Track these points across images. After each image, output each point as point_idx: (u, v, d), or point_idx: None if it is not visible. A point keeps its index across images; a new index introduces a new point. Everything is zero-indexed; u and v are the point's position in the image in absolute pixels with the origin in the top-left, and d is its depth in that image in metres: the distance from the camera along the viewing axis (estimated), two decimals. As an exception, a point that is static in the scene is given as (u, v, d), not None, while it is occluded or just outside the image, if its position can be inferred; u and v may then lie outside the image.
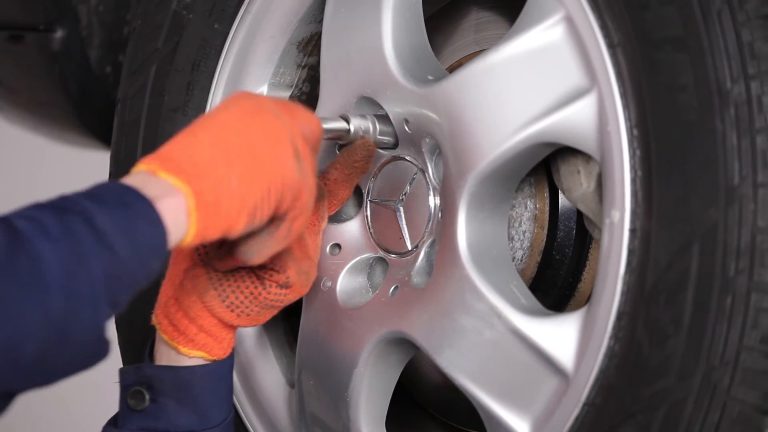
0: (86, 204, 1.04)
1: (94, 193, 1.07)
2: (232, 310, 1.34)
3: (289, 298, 1.36)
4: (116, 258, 1.04)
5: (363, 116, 1.44)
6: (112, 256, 1.03)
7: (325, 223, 1.42)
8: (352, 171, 1.44)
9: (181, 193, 1.12)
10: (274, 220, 1.24)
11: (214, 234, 1.15)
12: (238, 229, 1.17)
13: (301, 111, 1.30)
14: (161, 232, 1.09)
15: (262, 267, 1.33)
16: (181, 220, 1.12)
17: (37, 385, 1.05)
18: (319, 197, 1.39)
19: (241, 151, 1.18)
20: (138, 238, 1.06)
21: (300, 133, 1.26)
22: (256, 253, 1.25)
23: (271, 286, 1.34)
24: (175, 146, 1.16)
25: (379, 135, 1.45)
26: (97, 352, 1.06)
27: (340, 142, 1.45)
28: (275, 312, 1.38)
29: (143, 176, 1.12)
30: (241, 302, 1.34)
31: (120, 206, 1.07)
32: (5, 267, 0.97)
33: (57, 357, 1.02)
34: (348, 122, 1.42)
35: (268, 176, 1.19)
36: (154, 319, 1.37)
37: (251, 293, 1.34)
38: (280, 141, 1.22)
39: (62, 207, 1.04)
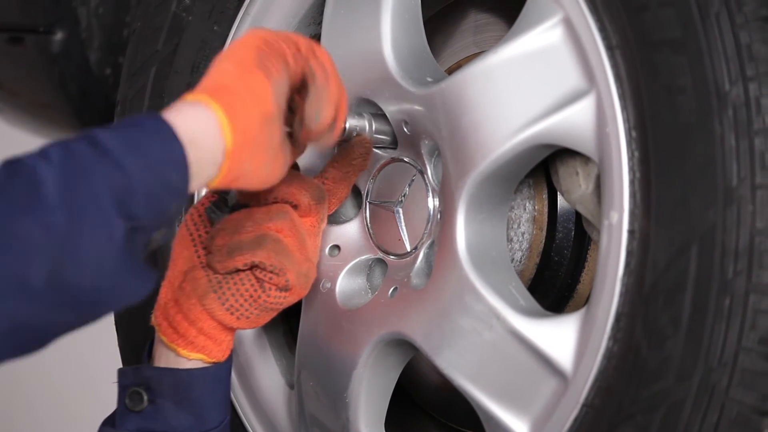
0: (94, 129, 1.05)
1: (108, 124, 1.08)
2: (232, 313, 1.35)
3: (288, 300, 1.36)
4: (123, 172, 1.03)
5: (359, 115, 1.44)
6: (118, 170, 1.03)
7: (324, 224, 1.42)
8: (350, 169, 1.45)
9: (200, 104, 1.12)
10: (305, 86, 1.25)
11: (248, 113, 1.16)
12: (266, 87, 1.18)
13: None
14: (176, 146, 1.08)
15: (262, 270, 1.33)
16: (209, 123, 1.12)
17: (83, 315, 1.04)
18: (320, 199, 1.40)
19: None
20: (148, 153, 1.06)
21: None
22: (317, 114, 1.25)
23: (270, 289, 1.34)
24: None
25: (376, 134, 1.45)
26: (128, 272, 1.05)
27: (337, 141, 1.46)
28: (274, 314, 1.38)
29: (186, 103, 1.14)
30: (241, 305, 1.34)
31: (128, 127, 1.07)
32: (2, 193, 0.97)
33: (75, 276, 1.00)
34: (344, 121, 1.42)
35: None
36: (154, 321, 1.37)
37: (251, 296, 1.34)
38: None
39: (72, 137, 1.04)
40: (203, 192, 1.50)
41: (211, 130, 1.13)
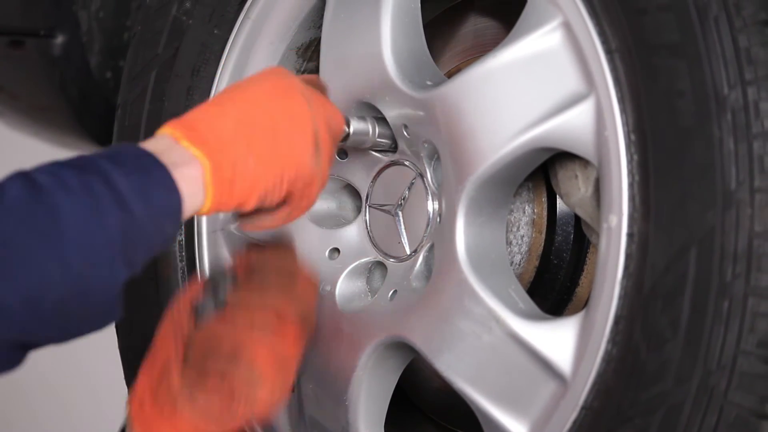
0: (105, 165, 1.07)
1: (113, 155, 1.09)
2: (204, 419, 1.32)
3: (259, 411, 1.33)
4: (132, 218, 1.06)
5: (362, 118, 1.45)
6: (128, 216, 1.06)
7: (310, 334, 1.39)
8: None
9: (199, 165, 1.15)
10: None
11: (227, 207, 1.18)
12: (248, 207, 1.20)
13: (329, 102, 1.32)
14: (176, 198, 1.11)
15: (239, 379, 1.31)
16: (198, 190, 1.15)
17: (54, 339, 1.07)
18: (305, 316, 1.36)
19: (264, 133, 1.20)
20: (153, 202, 1.09)
21: (325, 123, 1.27)
22: (250, 223, 1.28)
23: (240, 402, 1.31)
24: (202, 116, 1.18)
25: (378, 137, 1.45)
26: (111, 312, 1.08)
27: (339, 144, 1.46)
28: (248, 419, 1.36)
29: (166, 141, 1.15)
30: (213, 413, 1.32)
31: (137, 170, 1.09)
32: (25, 217, 1.00)
33: (76, 310, 1.04)
34: (348, 125, 1.42)
35: (284, 163, 1.21)
36: (128, 409, 1.33)
37: (223, 407, 1.31)
38: (304, 128, 1.23)
39: (82, 166, 1.06)
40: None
41: (200, 190, 1.15)
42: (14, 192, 1.01)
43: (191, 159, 1.14)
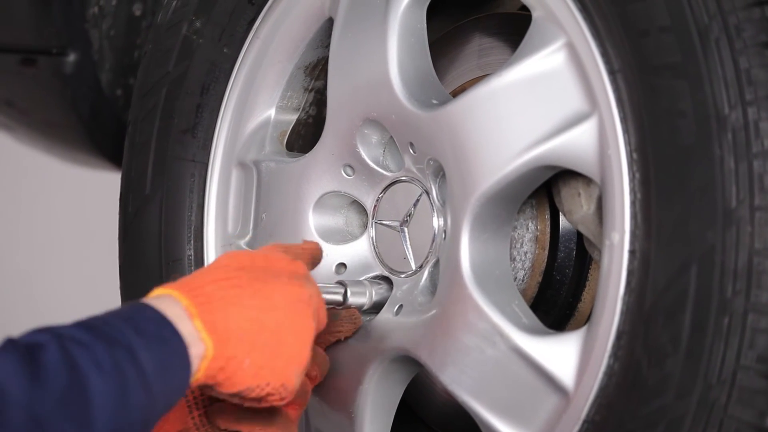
0: (131, 337, 1.09)
1: (135, 322, 1.11)
2: None
3: None
4: (152, 401, 1.08)
5: (360, 283, 1.47)
6: (149, 399, 1.08)
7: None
8: (331, 338, 1.47)
9: (203, 348, 1.17)
10: None
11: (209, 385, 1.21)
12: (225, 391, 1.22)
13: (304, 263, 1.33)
14: (188, 374, 1.14)
15: None
16: (195, 366, 1.17)
17: None
18: (302, 394, 1.40)
19: (267, 342, 1.22)
20: (171, 379, 1.12)
21: (317, 301, 1.29)
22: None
23: None
24: (220, 298, 1.20)
25: (375, 297, 1.47)
26: None
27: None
28: None
29: (178, 311, 1.16)
30: None
31: (159, 341, 1.11)
32: (60, 399, 1.01)
33: None
34: (346, 291, 1.44)
35: (270, 379, 1.23)
36: None
37: None
38: (303, 352, 1.25)
39: (111, 337, 1.07)
40: None
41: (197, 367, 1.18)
42: (52, 365, 1.02)
43: (198, 341, 1.16)
